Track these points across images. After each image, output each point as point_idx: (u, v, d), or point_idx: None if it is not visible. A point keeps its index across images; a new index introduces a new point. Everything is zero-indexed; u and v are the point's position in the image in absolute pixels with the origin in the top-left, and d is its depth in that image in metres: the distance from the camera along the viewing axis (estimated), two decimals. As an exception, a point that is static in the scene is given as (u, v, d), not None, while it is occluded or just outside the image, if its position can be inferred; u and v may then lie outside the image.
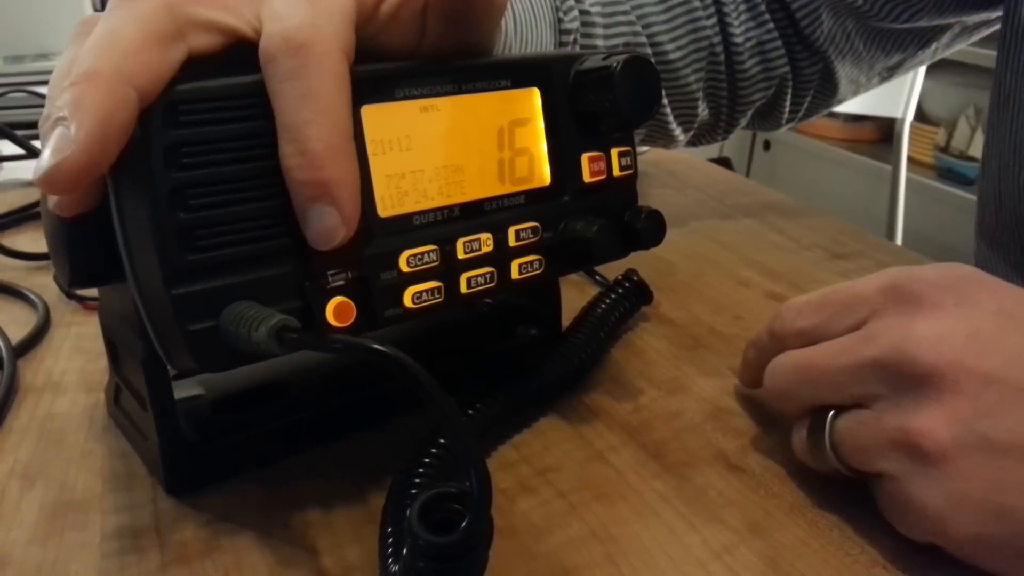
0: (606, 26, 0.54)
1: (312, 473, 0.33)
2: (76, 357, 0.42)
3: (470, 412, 0.34)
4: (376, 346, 0.23)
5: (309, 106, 0.25)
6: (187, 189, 0.25)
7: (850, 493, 0.32)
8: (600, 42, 0.54)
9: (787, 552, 0.29)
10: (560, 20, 0.52)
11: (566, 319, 0.43)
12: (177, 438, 0.31)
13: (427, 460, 0.30)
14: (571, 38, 0.52)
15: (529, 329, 0.42)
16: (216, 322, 0.26)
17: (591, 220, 0.34)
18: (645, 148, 0.82)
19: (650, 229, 0.36)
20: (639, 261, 0.42)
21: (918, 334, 0.29)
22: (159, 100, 0.25)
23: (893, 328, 0.29)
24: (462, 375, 0.38)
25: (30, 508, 0.31)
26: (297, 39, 0.25)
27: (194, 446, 0.32)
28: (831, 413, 0.31)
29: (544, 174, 0.34)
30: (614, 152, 0.36)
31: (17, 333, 0.43)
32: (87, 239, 0.28)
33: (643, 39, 0.55)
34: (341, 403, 0.36)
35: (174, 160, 0.25)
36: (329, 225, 0.26)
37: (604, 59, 0.34)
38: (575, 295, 0.49)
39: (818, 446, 0.31)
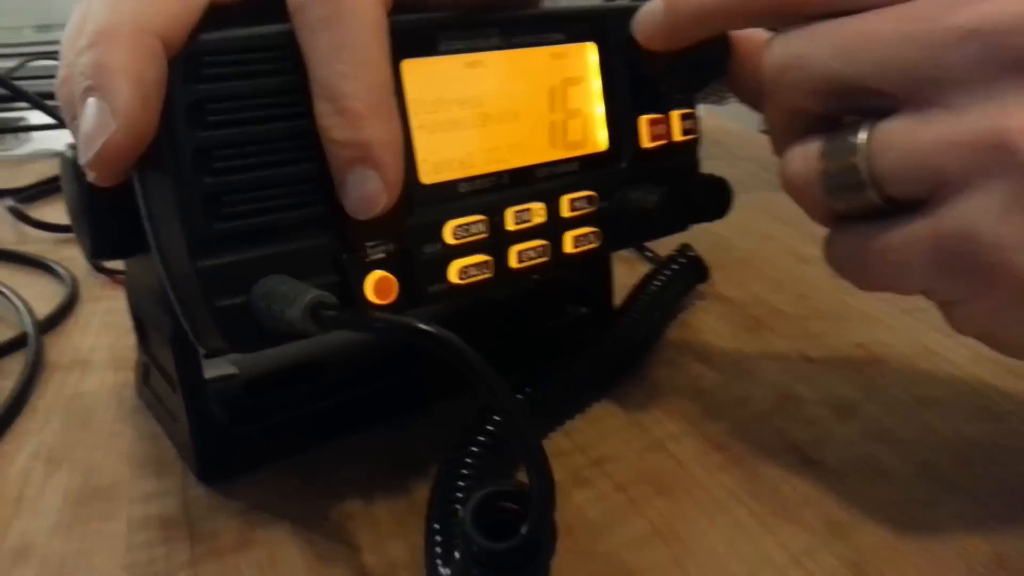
0: None
1: (352, 459, 0.31)
2: (105, 333, 0.40)
3: (519, 398, 0.32)
4: (423, 326, 0.21)
5: (345, 59, 0.22)
6: (213, 150, 0.23)
7: (942, 492, 0.29)
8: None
9: (874, 557, 0.26)
10: None
11: (617, 297, 0.40)
12: (208, 421, 0.29)
13: (475, 449, 0.28)
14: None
15: (579, 307, 0.39)
16: (246, 298, 0.23)
17: (650, 190, 0.31)
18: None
19: (715, 199, 0.33)
20: (690, 237, 0.39)
21: None
22: (181, 52, 0.22)
23: None
24: (508, 357, 0.36)
25: (54, 495, 0.29)
26: None
27: (226, 430, 0.30)
28: (869, 119, 0.22)
29: (599, 138, 0.31)
30: (675, 115, 0.33)
31: (44, 308, 0.41)
32: (109, 207, 0.26)
33: None
34: (383, 384, 0.33)
35: (198, 118, 0.22)
36: (370, 191, 0.23)
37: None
38: (624, 271, 0.46)
39: (841, 158, 0.23)
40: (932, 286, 0.23)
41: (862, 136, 0.23)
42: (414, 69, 0.26)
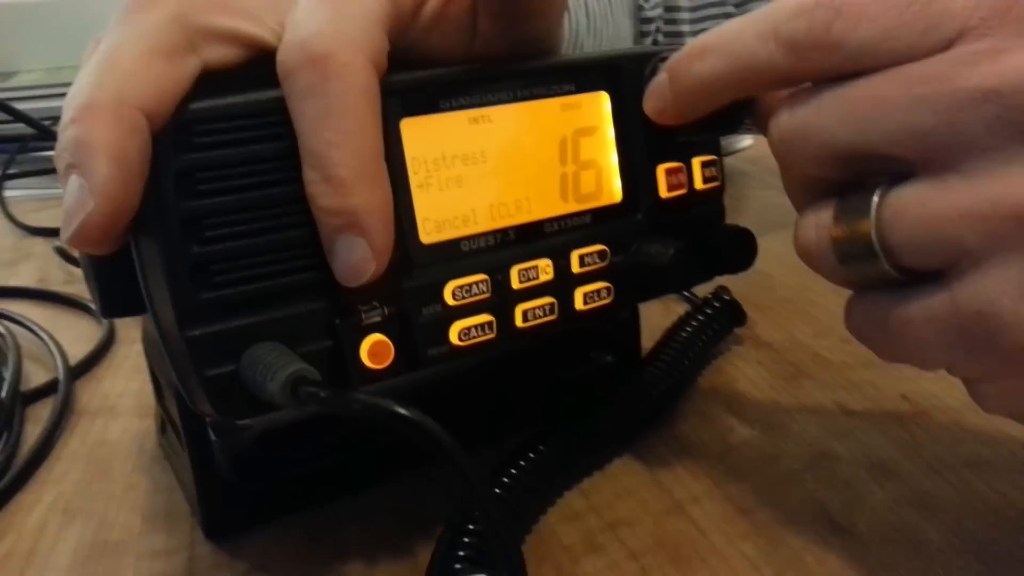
0: (693, 9, 0.49)
1: (360, 517, 0.30)
2: (135, 377, 0.41)
3: (532, 456, 0.31)
4: (400, 410, 0.20)
5: (331, 126, 0.22)
6: (202, 219, 0.23)
7: (981, 567, 0.26)
8: (686, 28, 0.49)
9: (900, 645, 0.24)
10: (640, 8, 0.47)
11: (649, 340, 0.38)
12: (214, 478, 0.29)
13: (475, 519, 0.27)
14: (652, 27, 0.47)
15: (604, 355, 0.38)
16: (236, 366, 0.23)
17: (667, 243, 0.29)
18: (748, 142, 0.76)
19: (737, 251, 0.31)
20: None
21: None
22: (170, 121, 0.22)
23: (1011, 52, 0.19)
24: (526, 407, 0.35)
25: (65, 549, 0.29)
26: (316, 50, 0.22)
27: (234, 487, 0.30)
28: (881, 186, 0.21)
29: (614, 189, 0.30)
30: (696, 162, 0.31)
31: (82, 349, 0.42)
32: (115, 268, 0.26)
33: None
34: (397, 438, 0.33)
35: (188, 187, 0.22)
36: (358, 258, 0.23)
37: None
38: (659, 313, 0.45)
39: (852, 227, 0.22)
40: (953, 364, 0.21)
41: (874, 204, 0.21)
42: (414, 127, 0.26)
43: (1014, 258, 0.19)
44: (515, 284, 0.27)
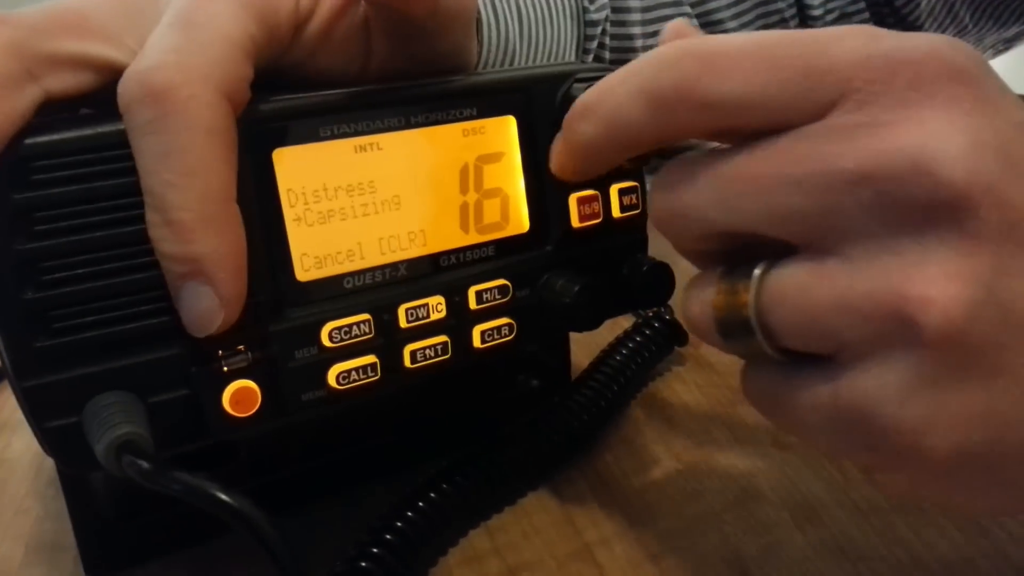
0: (645, 10, 0.46)
1: (248, 554, 0.29)
2: (52, 388, 0.39)
3: (433, 496, 0.29)
4: (221, 496, 0.19)
5: (171, 166, 0.20)
6: (40, 262, 0.21)
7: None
8: (637, 30, 0.46)
9: None
10: (586, 10, 0.45)
11: (589, 357, 0.37)
12: (92, 514, 0.28)
13: (363, 565, 0.26)
14: (598, 30, 0.45)
15: (530, 379, 0.36)
16: (79, 418, 0.22)
17: (574, 278, 0.28)
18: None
19: (652, 286, 0.29)
20: (682, 282, 0.36)
21: (944, 138, 0.17)
22: (4, 158, 0.20)
23: (897, 124, 0.17)
24: (442, 435, 0.33)
25: (-63, 584, 0.28)
26: (155, 82, 0.20)
27: (113, 522, 0.28)
28: (760, 265, 0.20)
29: (521, 219, 0.28)
30: (614, 189, 0.29)
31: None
32: None
33: (694, 23, 0.48)
34: (298, 470, 0.31)
35: (23, 228, 0.21)
36: (204, 308, 0.21)
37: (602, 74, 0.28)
38: (604, 326, 0.43)
39: (732, 303, 0.20)
40: (839, 452, 0.20)
41: (754, 282, 0.19)
42: (289, 158, 0.24)
43: (895, 359, 0.17)
44: (403, 323, 0.26)
